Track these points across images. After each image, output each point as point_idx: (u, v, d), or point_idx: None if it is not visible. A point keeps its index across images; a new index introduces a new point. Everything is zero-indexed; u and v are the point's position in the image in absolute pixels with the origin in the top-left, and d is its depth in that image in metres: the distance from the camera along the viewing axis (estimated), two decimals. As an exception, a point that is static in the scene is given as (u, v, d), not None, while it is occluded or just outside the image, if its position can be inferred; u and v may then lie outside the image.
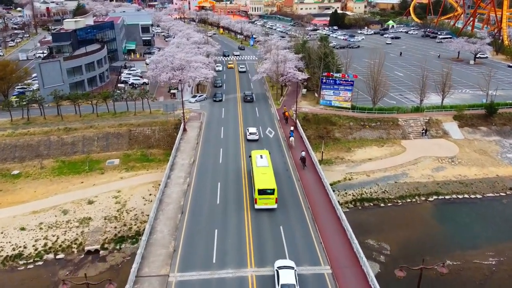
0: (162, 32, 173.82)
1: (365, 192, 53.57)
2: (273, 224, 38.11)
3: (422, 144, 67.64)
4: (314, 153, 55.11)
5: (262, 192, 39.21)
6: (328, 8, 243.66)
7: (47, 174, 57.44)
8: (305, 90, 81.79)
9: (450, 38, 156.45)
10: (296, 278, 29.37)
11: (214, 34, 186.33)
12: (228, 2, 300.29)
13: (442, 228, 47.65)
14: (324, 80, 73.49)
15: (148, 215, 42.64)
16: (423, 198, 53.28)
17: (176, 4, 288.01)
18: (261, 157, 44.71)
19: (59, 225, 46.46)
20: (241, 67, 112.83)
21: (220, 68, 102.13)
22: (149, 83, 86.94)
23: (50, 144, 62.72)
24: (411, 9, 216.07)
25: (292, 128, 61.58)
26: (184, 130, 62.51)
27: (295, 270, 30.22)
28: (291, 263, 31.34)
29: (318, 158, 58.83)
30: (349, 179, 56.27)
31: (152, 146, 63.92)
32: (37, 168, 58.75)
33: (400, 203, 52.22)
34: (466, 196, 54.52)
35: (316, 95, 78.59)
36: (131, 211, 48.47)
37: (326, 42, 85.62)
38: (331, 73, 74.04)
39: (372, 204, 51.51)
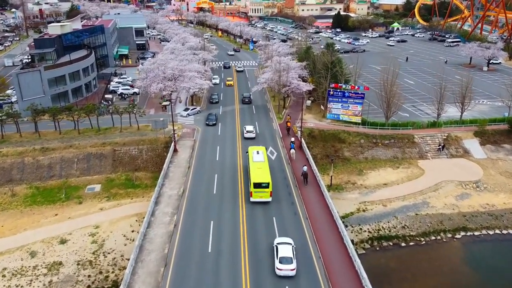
0: (158, 34, 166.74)
1: (382, 227, 46.40)
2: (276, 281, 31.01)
3: (441, 165, 60.55)
4: (320, 176, 48.21)
5: (257, 185, 40.99)
6: (330, 9, 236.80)
7: (18, 203, 50.29)
8: (310, 101, 74.67)
9: (459, 42, 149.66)
10: (293, 252, 32.16)
11: (211, 36, 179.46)
12: (228, 3, 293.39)
13: (474, 275, 40.48)
14: (331, 92, 66.37)
15: (128, 259, 35.62)
16: (449, 235, 46.07)
17: (174, 5, 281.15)
18: (258, 152, 46.91)
19: (24, 271, 39.34)
20: (238, 67, 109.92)
21: (217, 81, 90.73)
22: (140, 93, 79.85)
23: (24, 167, 55.58)
24: (416, 10, 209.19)
25: (292, 139, 56.46)
26: (175, 150, 55.37)
27: (292, 246, 33.15)
28: (289, 240, 34.16)
29: (326, 183, 51.95)
30: (363, 210, 49.10)
31: (138, 168, 56.76)
32: (8, 196, 51.64)
33: (424, 242, 45.02)
34: (497, 231, 47.36)
35: (322, 107, 71.47)
36: (109, 253, 41.31)
37: (333, 49, 78.38)
38: (339, 84, 66.91)
39: (391, 244, 44.32)
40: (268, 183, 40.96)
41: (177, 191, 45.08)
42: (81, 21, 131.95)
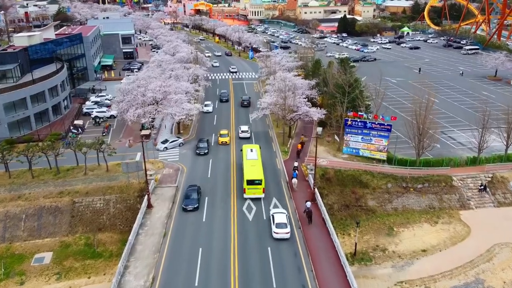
0: (150, 40, 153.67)
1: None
2: None
3: (489, 218, 47.95)
4: (340, 238, 36.76)
5: (250, 182, 42.61)
6: (334, 12, 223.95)
7: None
8: (321, 128, 61.27)
9: (477, 49, 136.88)
10: (287, 220, 37.77)
11: (202, 39, 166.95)
12: (226, 5, 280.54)
13: None
14: (349, 122, 53.54)
15: None
16: None
17: (170, 7, 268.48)
18: (251, 150, 48.46)
19: None
20: (232, 68, 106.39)
21: (210, 109, 72.35)
22: (118, 116, 66.85)
23: (-46, 226, 42.86)
24: (425, 13, 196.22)
25: (295, 164, 49.83)
26: (149, 206, 42.50)
27: (286, 214, 38.82)
28: (283, 210, 40.21)
29: (348, 250, 39.45)
30: (401, 298, 36.35)
31: (103, 227, 43.94)
32: None
33: None
34: None
35: (337, 138, 58.60)
36: None
37: (348, 65, 65.40)
38: (359, 112, 54.10)
39: None
40: (261, 180, 42.81)
41: (144, 280, 32.19)
42: (65, 27, 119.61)
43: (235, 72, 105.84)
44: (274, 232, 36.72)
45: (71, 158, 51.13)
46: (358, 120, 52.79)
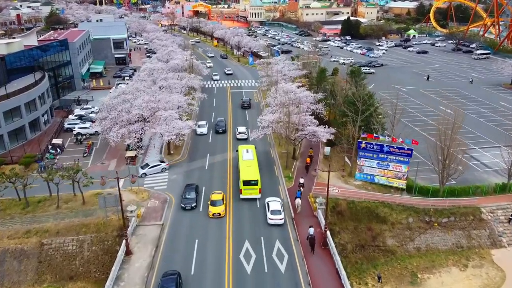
0: (146, 43, 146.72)
1: None
2: None
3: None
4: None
5: (246, 183, 42.92)
6: (337, 13, 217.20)
7: None
8: (329, 148, 54.75)
9: (489, 54, 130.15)
10: (281, 207, 40.48)
11: (197, 42, 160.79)
12: (226, 6, 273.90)
13: None
14: (362, 145, 46.75)
15: None
16: None
17: (168, 8, 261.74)
18: (247, 151, 48.58)
19: None
20: (227, 69, 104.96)
21: (205, 131, 62.64)
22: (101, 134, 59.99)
23: None
24: (431, 15, 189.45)
25: (301, 180, 46.66)
26: (127, 253, 35.66)
27: (280, 202, 41.38)
28: (277, 198, 42.27)
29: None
30: None
31: (76, 275, 37.19)
32: None
33: None
34: None
35: (348, 161, 51.78)
36: None
37: (359, 78, 58.50)
38: (375, 134, 47.35)
39: None
40: (257, 180, 43.05)
41: None
42: (52, 31, 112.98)
43: (231, 74, 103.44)
44: (269, 219, 39.51)
45: (45, 185, 44.34)
46: (374, 143, 46.02)
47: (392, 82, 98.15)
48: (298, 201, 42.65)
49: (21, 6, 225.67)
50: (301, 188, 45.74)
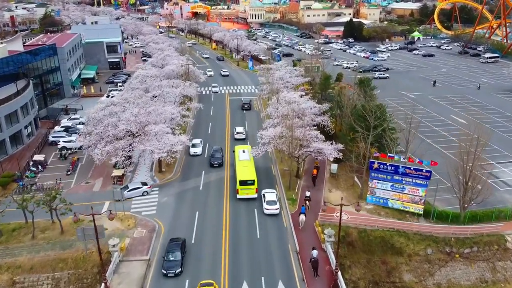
0: (142, 46, 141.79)
1: None
2: None
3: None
4: None
5: (243, 183, 43.25)
6: (339, 14, 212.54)
7: None
8: (336, 165, 49.87)
9: (498, 57, 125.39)
10: (277, 198, 42.17)
11: (194, 43, 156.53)
12: (225, 7, 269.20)
13: None
14: (375, 165, 41.95)
15: None
16: None
17: (167, 9, 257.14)
18: (244, 151, 49.23)
19: None
20: (223, 71, 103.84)
21: (199, 151, 55.51)
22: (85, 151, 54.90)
23: None
24: (435, 16, 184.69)
25: (307, 193, 43.47)
26: (108, 297, 30.92)
27: (276, 193, 43.05)
28: (273, 190, 43.91)
29: None
30: None
31: (49, 321, 32.46)
32: None
33: None
34: None
35: (357, 181, 46.95)
36: None
37: (369, 87, 53.62)
38: (389, 153, 42.57)
39: None
40: (254, 180, 43.35)
41: None
42: (42, 34, 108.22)
43: (227, 76, 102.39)
44: (265, 209, 40.99)
45: (17, 212, 39.53)
46: (388, 164, 41.22)
47: (399, 88, 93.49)
48: (302, 217, 39.14)
49: (16, 7, 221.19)
50: (307, 202, 42.38)
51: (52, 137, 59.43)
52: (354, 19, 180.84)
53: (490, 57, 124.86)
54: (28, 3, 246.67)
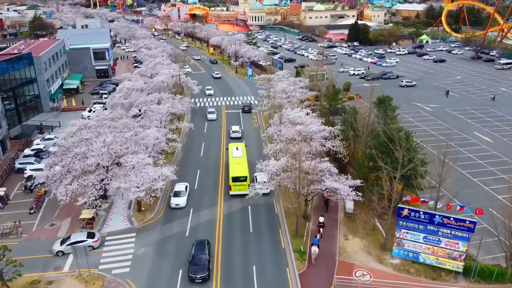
0: (134, 51, 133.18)
1: None
2: None
3: None
4: None
5: (235, 179, 43.97)
6: (342, 16, 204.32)
7: None
8: (352, 203, 41.37)
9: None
10: (267, 178, 40.95)
11: (187, 46, 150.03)
12: (224, 9, 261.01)
13: None
14: (404, 212, 33.51)
15: None
16: None
17: (164, 11, 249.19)
18: (237, 149, 50.01)
19: None
20: (216, 73, 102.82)
21: (183, 202, 42.86)
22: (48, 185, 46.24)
23: None
24: (443, 18, 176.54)
25: (321, 219, 38.20)
26: None
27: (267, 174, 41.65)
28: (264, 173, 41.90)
29: None
30: None
31: None
32: None
33: None
34: None
35: (379, 225, 38.53)
36: None
37: (390, 108, 45.26)
38: (422, 198, 34.18)
39: None
40: (246, 177, 44.08)
41: None
42: (22, 41, 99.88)
43: (219, 78, 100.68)
44: (258, 189, 39.72)
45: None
46: (422, 211, 32.79)
47: (412, 99, 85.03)
48: (314, 249, 33.42)
49: (8, 9, 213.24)
50: (321, 229, 36.30)
51: (19, 163, 50.96)
52: (359, 22, 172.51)
53: (506, 63, 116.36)
54: (20, 5, 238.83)
